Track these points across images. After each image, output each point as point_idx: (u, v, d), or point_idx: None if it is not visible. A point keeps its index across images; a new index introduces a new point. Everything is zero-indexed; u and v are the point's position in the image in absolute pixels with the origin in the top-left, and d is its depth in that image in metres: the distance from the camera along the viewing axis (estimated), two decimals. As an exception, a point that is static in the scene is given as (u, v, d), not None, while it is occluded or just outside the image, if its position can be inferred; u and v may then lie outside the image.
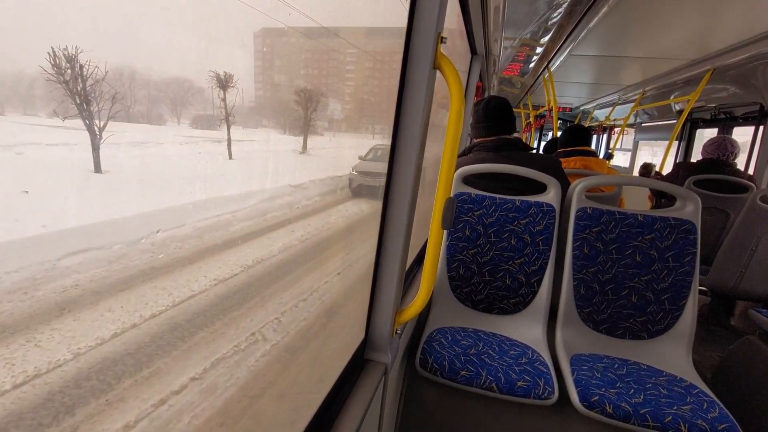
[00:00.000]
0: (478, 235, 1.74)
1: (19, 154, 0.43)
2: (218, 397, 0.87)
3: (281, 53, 0.98)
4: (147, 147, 0.62)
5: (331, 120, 1.31)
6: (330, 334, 1.35)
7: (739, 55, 2.76)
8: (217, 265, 0.95)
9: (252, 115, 0.93)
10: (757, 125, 3.53)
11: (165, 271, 0.74)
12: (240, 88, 0.77)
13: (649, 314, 1.61)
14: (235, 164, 0.86)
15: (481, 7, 1.89)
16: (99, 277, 0.59)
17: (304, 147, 1.17)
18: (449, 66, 0.93)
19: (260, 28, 0.86)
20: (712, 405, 1.28)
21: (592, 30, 2.59)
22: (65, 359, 0.57)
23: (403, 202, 1.01)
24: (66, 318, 0.56)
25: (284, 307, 1.21)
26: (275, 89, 1.03)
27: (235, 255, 1.03)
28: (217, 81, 0.73)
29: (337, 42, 1.21)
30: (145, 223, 0.64)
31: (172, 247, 0.73)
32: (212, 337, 0.89)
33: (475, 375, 1.36)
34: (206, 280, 0.90)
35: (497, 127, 1.89)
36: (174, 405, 0.75)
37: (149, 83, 0.61)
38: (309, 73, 1.16)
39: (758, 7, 2.05)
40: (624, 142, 7.21)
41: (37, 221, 0.45)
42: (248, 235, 1.04)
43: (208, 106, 0.77)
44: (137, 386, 0.69)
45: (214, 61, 0.70)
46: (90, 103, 0.49)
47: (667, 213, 1.64)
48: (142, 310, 0.71)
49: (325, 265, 1.54)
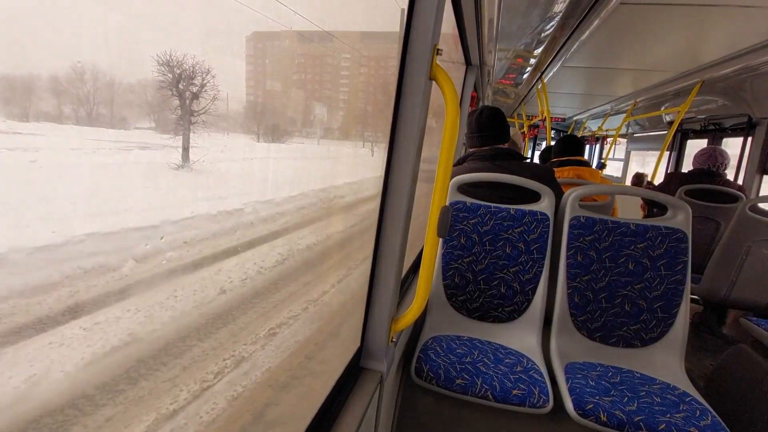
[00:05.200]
0: (474, 244, 1.75)
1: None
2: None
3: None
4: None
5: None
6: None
7: (728, 68, 2.82)
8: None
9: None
10: (745, 136, 3.60)
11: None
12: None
13: (642, 322, 1.62)
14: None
15: (475, 19, 1.93)
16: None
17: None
18: (445, 77, 0.94)
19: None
20: (705, 413, 1.28)
21: (585, 42, 2.64)
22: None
23: (399, 211, 1.02)
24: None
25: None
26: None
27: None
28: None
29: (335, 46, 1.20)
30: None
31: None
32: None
33: (470, 383, 1.36)
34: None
35: (491, 136, 1.92)
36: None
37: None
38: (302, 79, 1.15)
39: (745, 21, 2.11)
40: (617, 152, 7.30)
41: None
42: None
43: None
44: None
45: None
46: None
47: (658, 222, 1.66)
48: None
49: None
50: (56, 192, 0.49)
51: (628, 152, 6.74)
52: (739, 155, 3.64)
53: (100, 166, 0.59)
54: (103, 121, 0.59)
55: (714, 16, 2.08)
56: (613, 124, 6.00)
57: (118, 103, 0.61)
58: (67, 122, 0.56)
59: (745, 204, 2.43)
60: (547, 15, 2.29)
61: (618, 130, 5.17)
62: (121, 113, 0.63)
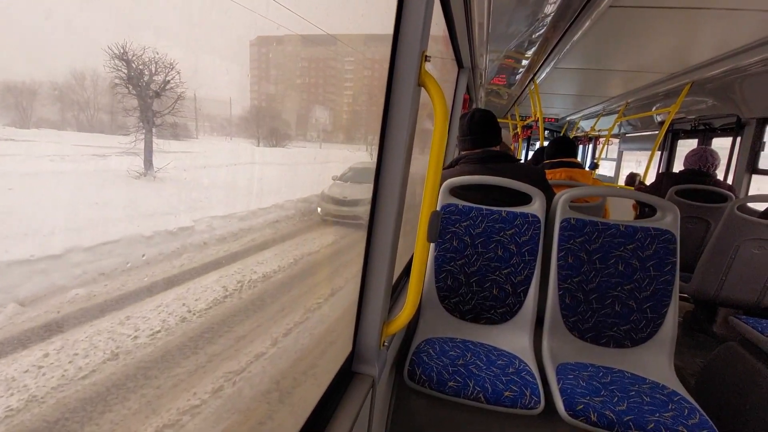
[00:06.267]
0: (466, 246, 1.76)
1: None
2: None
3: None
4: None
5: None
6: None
7: (716, 69, 2.86)
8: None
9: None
10: (734, 136, 3.64)
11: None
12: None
13: (632, 322, 1.64)
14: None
15: (465, 22, 1.94)
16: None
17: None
18: (433, 84, 0.95)
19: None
20: (693, 411, 1.30)
21: (576, 44, 2.66)
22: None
23: (389, 215, 1.03)
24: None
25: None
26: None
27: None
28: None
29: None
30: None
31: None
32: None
33: (462, 386, 1.36)
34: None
35: (482, 139, 1.93)
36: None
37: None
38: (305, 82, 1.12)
39: (733, 23, 2.14)
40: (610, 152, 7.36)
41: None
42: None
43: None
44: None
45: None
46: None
47: (647, 223, 1.68)
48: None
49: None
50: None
51: (620, 152, 6.80)
52: (728, 155, 3.69)
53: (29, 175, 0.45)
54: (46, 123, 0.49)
55: (702, 18, 2.11)
56: (605, 124, 6.05)
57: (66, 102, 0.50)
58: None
59: (733, 204, 2.46)
60: (537, 17, 2.31)
61: (610, 131, 5.22)
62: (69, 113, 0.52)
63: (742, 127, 3.52)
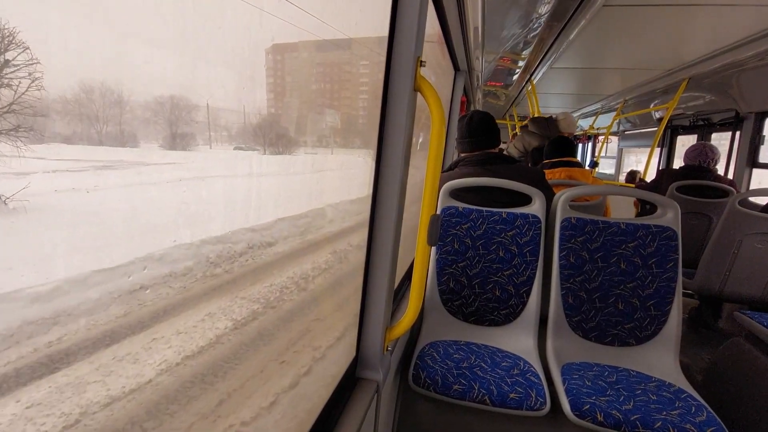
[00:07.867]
0: (467, 248, 1.76)
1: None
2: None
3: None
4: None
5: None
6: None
7: (713, 64, 2.86)
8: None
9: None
10: (733, 131, 3.64)
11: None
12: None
13: (636, 320, 1.63)
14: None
15: (460, 26, 1.95)
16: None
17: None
18: (429, 88, 0.96)
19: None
20: (700, 409, 1.29)
21: (571, 44, 2.67)
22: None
23: (389, 220, 1.03)
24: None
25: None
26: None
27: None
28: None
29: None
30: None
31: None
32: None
33: (467, 389, 1.36)
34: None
35: (480, 142, 1.93)
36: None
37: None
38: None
39: (728, 18, 2.14)
40: (610, 150, 7.35)
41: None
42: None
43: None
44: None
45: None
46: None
47: (648, 221, 1.68)
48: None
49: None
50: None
51: (620, 149, 6.79)
52: (728, 150, 3.68)
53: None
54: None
55: (697, 13, 2.11)
56: (604, 122, 6.05)
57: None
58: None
59: (734, 198, 2.46)
60: (531, 18, 2.32)
61: (609, 128, 5.22)
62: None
63: (741, 121, 3.52)
